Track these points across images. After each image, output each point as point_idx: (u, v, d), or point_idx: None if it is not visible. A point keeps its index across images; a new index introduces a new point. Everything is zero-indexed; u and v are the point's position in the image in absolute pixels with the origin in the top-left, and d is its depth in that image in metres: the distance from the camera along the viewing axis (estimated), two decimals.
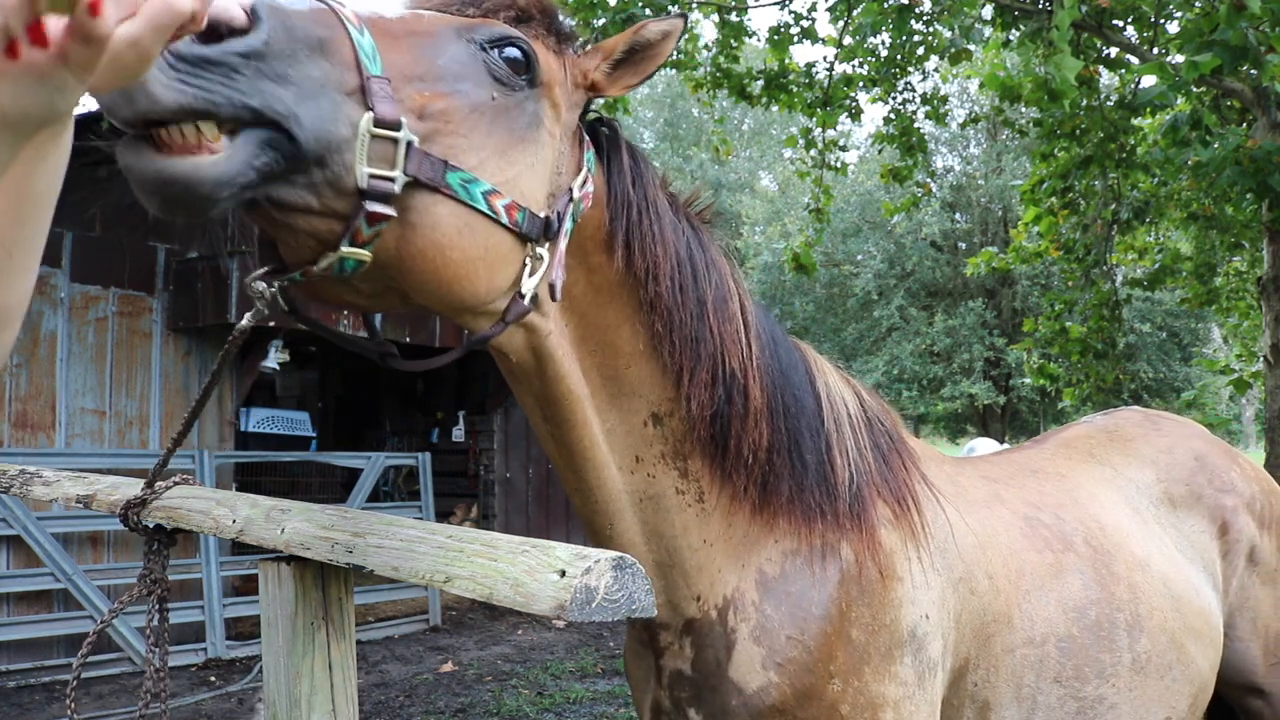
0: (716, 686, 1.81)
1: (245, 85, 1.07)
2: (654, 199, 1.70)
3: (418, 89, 1.27)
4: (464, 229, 1.31)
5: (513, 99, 1.40)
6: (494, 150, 1.36)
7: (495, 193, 1.34)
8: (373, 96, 1.18)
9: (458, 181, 1.29)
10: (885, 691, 1.82)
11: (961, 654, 2.03)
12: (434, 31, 1.36)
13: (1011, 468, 2.59)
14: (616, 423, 1.71)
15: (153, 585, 1.69)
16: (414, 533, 1.40)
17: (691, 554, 1.80)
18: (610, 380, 1.69)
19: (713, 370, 1.72)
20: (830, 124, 10.84)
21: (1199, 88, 8.31)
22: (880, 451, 2.02)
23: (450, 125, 1.30)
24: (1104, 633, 2.25)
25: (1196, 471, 2.75)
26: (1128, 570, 2.37)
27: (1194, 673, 2.45)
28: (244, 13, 1.07)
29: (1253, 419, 23.13)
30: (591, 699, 7.14)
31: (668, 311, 1.68)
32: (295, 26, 1.14)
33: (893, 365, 26.22)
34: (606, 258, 1.64)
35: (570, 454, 1.70)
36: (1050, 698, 2.15)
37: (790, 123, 30.43)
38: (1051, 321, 11.44)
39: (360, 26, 1.23)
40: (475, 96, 1.34)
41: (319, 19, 1.19)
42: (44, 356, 7.91)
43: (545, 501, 11.97)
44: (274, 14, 1.11)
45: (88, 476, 2.17)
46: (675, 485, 1.77)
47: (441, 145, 1.28)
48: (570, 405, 1.65)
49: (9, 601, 7.40)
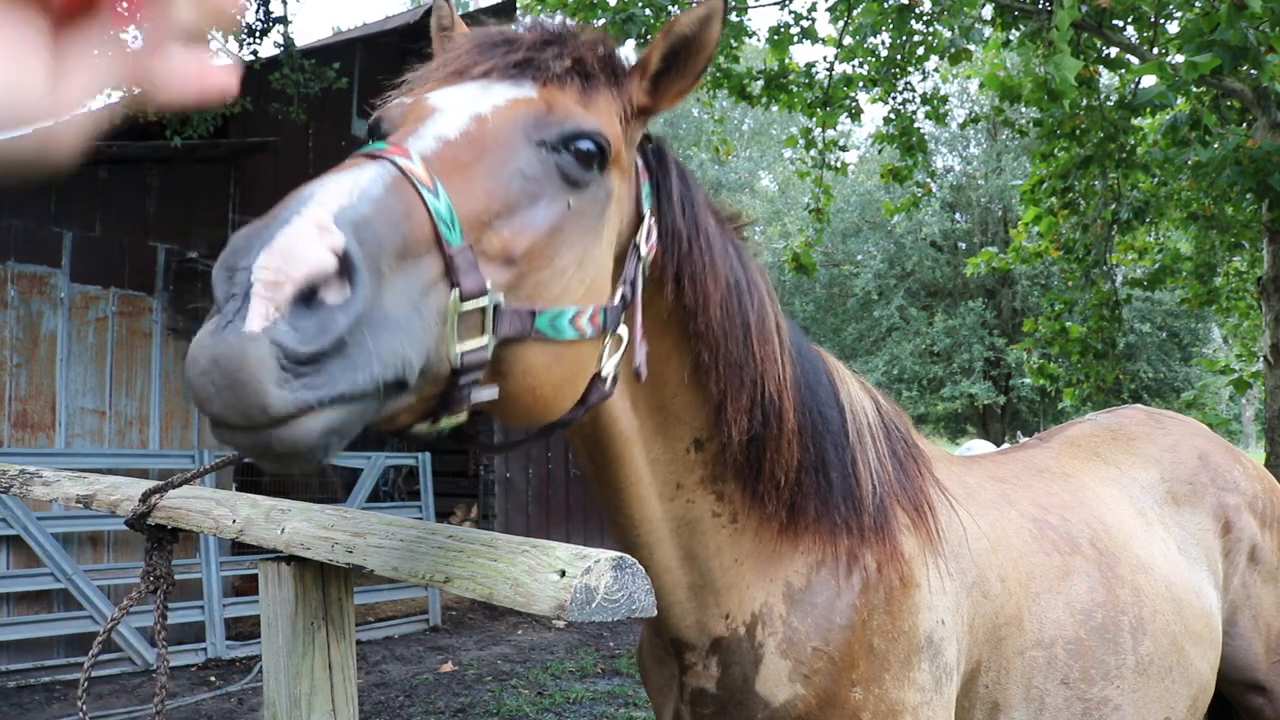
0: (743, 702, 1.81)
1: (360, 359, 0.98)
2: (704, 226, 1.64)
3: (498, 232, 1.20)
4: (553, 363, 1.29)
5: (587, 195, 1.33)
6: (574, 264, 1.30)
7: (580, 313, 1.30)
8: (457, 273, 1.12)
9: (546, 324, 1.25)
10: (905, 697, 1.82)
11: (974, 657, 2.05)
12: (501, 144, 1.26)
13: (1018, 467, 2.60)
14: (661, 451, 1.71)
15: (157, 582, 1.69)
16: (414, 533, 1.40)
17: (723, 573, 1.80)
18: (657, 410, 1.68)
19: (753, 395, 1.71)
20: (830, 124, 10.84)
21: (1199, 88, 8.31)
22: (898, 458, 2.02)
23: (535, 263, 1.24)
24: (1109, 635, 2.27)
25: (1200, 470, 2.76)
26: (1132, 573, 2.39)
27: (1193, 675, 2.47)
28: (335, 257, 0.97)
29: (1253, 419, 23.14)
30: (591, 699, 7.14)
31: (715, 341, 1.65)
32: (383, 243, 1.04)
33: (893, 365, 26.20)
34: (657, 290, 1.60)
35: (615, 489, 1.70)
36: (1057, 699, 2.17)
37: (790, 123, 30.42)
38: (1051, 321, 11.44)
39: (433, 184, 1.13)
40: (552, 215, 1.27)
41: (395, 203, 1.08)
42: (44, 356, 7.91)
43: (545, 501, 11.97)
44: (363, 247, 1.00)
45: (88, 476, 2.17)
46: (712, 509, 1.77)
47: (528, 288, 1.23)
48: (619, 445, 1.65)
49: (9, 601, 7.40)
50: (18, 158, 0.66)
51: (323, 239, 0.96)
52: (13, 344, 7.75)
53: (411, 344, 1.05)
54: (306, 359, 0.94)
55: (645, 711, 6.75)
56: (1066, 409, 13.10)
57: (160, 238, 8.67)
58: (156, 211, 8.71)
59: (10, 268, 7.74)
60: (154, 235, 8.64)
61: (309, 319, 0.94)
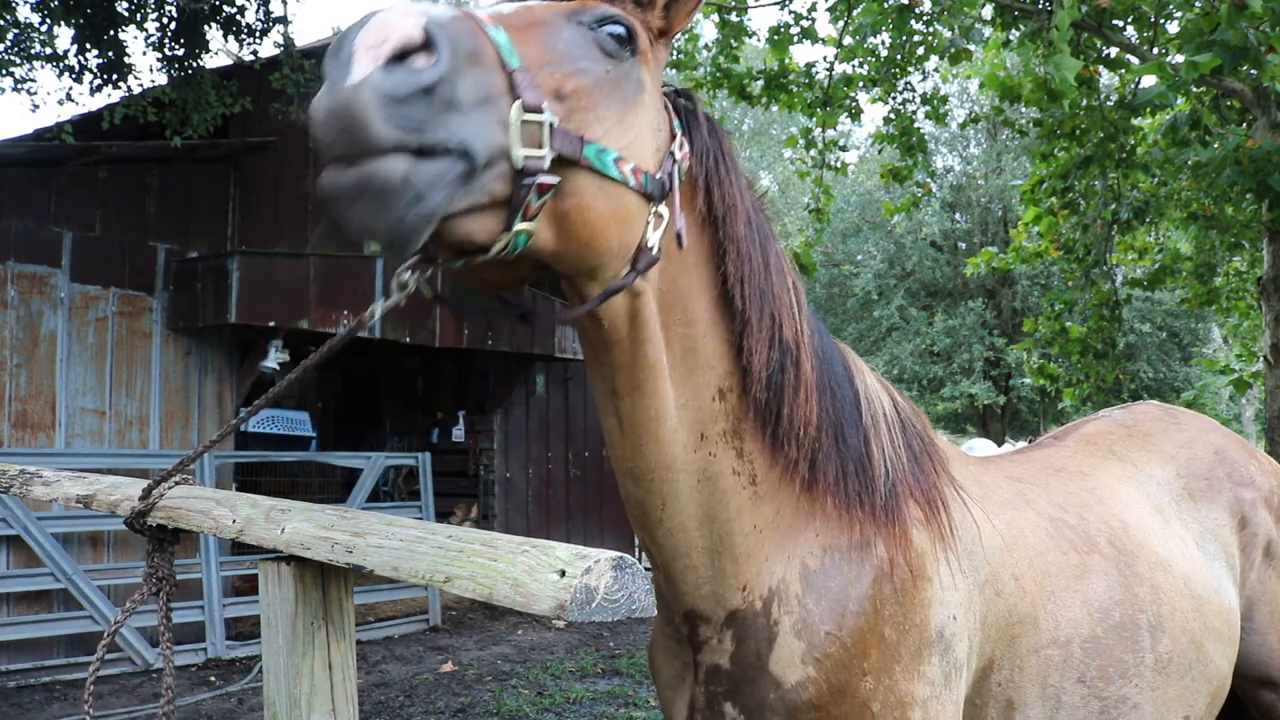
0: (755, 679, 1.82)
1: (443, 123, 1.20)
2: (729, 153, 1.80)
3: (549, 73, 1.40)
4: (599, 193, 1.45)
5: (622, 69, 1.53)
6: (615, 119, 1.49)
7: (622, 159, 1.49)
8: (518, 87, 1.31)
9: (594, 153, 1.43)
10: (914, 690, 1.83)
11: (986, 654, 2.05)
12: (548, 20, 1.49)
13: (1035, 466, 2.60)
14: (690, 397, 1.75)
15: (159, 584, 1.69)
16: (414, 533, 1.40)
17: (742, 539, 1.81)
18: (689, 352, 1.74)
19: (771, 330, 1.78)
20: (830, 124, 10.84)
21: (1199, 88, 8.31)
22: (912, 453, 2.04)
23: (580, 102, 1.43)
24: (1127, 633, 2.27)
25: (1216, 465, 2.76)
26: (1150, 571, 2.39)
27: (1212, 672, 2.47)
28: (421, 30, 1.20)
29: (1253, 419, 23.13)
30: (591, 699, 7.14)
31: (740, 257, 1.76)
32: (458, 43, 1.25)
33: (893, 365, 26.20)
34: (690, 206, 1.73)
35: (638, 427, 1.72)
36: (1074, 697, 2.17)
37: (790, 123, 30.42)
38: (1051, 321, 11.45)
39: (495, 24, 1.36)
40: (595, 73, 1.47)
41: (464, 24, 1.30)
42: (44, 356, 7.91)
43: (545, 501, 11.97)
44: (443, 36, 1.23)
45: (88, 476, 2.17)
46: (732, 466, 1.79)
47: (576, 121, 1.42)
48: (650, 373, 1.69)
49: (9, 601, 7.40)
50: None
51: (410, 17, 1.20)
52: (13, 344, 7.75)
53: (481, 132, 1.25)
54: (402, 98, 1.16)
55: (645, 711, 6.75)
56: (1066, 409, 13.10)
57: (160, 238, 8.67)
58: (156, 211, 8.71)
59: (10, 268, 7.74)
60: (154, 235, 8.64)
61: (401, 72, 1.17)
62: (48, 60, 7.57)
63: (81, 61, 7.57)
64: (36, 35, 7.57)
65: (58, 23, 7.46)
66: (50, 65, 7.57)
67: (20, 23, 7.49)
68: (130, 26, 7.63)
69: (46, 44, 7.60)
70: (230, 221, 9.23)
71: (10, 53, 7.42)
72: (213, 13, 7.74)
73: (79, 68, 7.57)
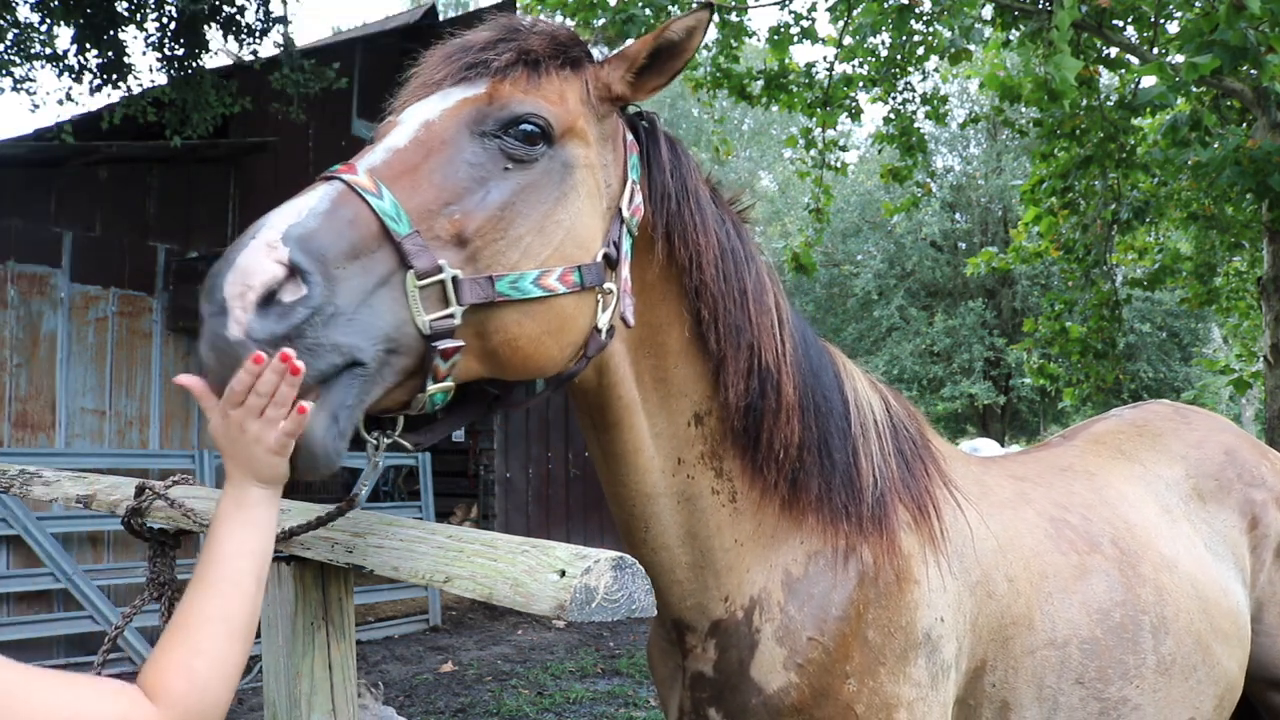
0: (738, 686, 1.83)
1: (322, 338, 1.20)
2: (694, 189, 1.73)
3: (448, 216, 1.36)
4: (524, 318, 1.41)
5: (538, 168, 1.46)
6: (534, 231, 1.43)
7: (545, 273, 1.42)
8: (409, 257, 1.28)
9: (507, 286, 1.38)
10: (900, 692, 1.84)
11: (978, 655, 2.04)
12: (447, 141, 1.42)
13: (1040, 466, 2.58)
14: (664, 425, 1.76)
15: (161, 588, 1.69)
16: (414, 533, 1.40)
17: (723, 554, 1.83)
18: (660, 383, 1.74)
19: (749, 361, 1.76)
20: (830, 124, 10.84)
21: (1199, 88, 8.31)
22: (904, 457, 2.04)
23: (487, 237, 1.38)
24: (1128, 634, 2.25)
25: (1226, 465, 2.73)
26: (1155, 571, 2.37)
27: (1220, 674, 2.45)
28: (282, 266, 1.18)
29: (1253, 419, 23.12)
30: (591, 699, 7.14)
31: (713, 299, 1.72)
32: (329, 249, 1.23)
33: (893, 365, 26.20)
34: (648, 249, 1.68)
35: (616, 459, 1.75)
36: (1072, 698, 2.16)
37: (790, 123, 30.41)
38: (1051, 321, 11.45)
39: (377, 189, 1.31)
40: (501, 193, 1.41)
41: (341, 213, 1.27)
42: (44, 356, 7.91)
43: (545, 501, 11.97)
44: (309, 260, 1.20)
45: (88, 476, 2.17)
46: (711, 485, 1.80)
47: (485, 259, 1.37)
48: (625, 411, 1.70)
49: (9, 601, 7.39)
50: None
51: (270, 255, 1.18)
52: (13, 344, 7.75)
53: (373, 327, 1.24)
54: (281, 337, 1.17)
55: (645, 711, 6.75)
56: (1066, 409, 13.11)
57: (160, 238, 8.67)
58: (156, 211, 8.71)
59: (10, 268, 7.73)
60: (154, 235, 8.64)
61: (274, 313, 1.18)
62: (48, 60, 7.55)
63: (81, 61, 7.56)
64: (36, 35, 7.55)
65: (58, 23, 7.45)
66: (50, 65, 7.55)
67: (20, 23, 7.48)
68: (130, 26, 7.62)
69: (46, 44, 7.59)
70: (230, 221, 9.22)
71: (10, 53, 7.40)
72: (213, 13, 7.73)
73: (79, 68, 7.55)
